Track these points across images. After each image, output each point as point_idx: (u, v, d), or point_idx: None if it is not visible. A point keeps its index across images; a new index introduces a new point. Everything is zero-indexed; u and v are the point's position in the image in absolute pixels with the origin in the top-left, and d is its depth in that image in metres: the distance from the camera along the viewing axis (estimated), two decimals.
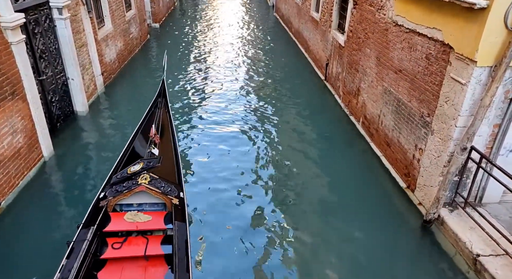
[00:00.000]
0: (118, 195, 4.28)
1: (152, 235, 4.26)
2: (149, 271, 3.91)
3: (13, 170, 5.52)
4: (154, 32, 15.46)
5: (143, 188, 4.27)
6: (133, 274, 3.86)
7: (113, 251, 3.96)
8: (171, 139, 5.63)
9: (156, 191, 4.32)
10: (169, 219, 4.30)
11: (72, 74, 7.68)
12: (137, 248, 4.02)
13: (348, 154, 7.15)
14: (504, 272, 4.13)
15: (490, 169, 4.76)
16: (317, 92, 10.15)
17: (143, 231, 4.23)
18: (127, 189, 4.29)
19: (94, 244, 3.95)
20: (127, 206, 4.47)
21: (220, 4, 23.49)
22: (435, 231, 5.09)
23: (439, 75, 4.99)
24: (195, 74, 11.25)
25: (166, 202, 4.40)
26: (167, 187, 4.47)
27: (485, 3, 4.04)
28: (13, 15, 5.38)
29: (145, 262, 3.98)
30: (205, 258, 4.69)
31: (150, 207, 4.52)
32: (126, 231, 4.18)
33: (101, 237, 4.09)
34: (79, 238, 3.87)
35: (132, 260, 3.97)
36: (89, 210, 4.32)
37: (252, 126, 8.15)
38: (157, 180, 4.42)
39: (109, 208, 4.31)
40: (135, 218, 4.26)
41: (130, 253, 3.97)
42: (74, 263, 3.57)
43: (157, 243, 4.11)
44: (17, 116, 5.62)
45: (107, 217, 4.22)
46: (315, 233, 5.20)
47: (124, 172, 4.53)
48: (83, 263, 3.65)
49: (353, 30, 8.21)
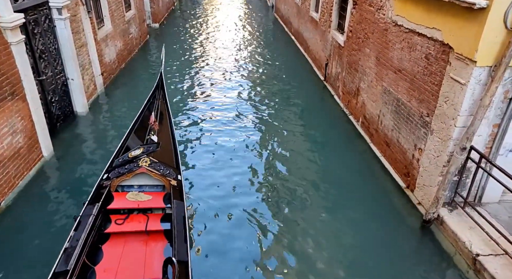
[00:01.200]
0: (120, 176, 4.60)
1: (152, 213, 4.55)
2: (150, 245, 4.19)
3: (13, 170, 5.52)
4: (153, 32, 15.46)
5: (144, 170, 4.58)
6: (135, 247, 4.13)
7: (116, 226, 4.26)
8: (169, 127, 5.96)
9: (155, 173, 4.62)
10: (167, 199, 4.59)
11: (72, 74, 7.68)
12: (139, 224, 4.31)
13: (347, 154, 7.16)
14: (504, 272, 4.14)
15: (490, 168, 4.76)
16: (316, 92, 10.16)
17: (143, 209, 4.53)
18: (129, 171, 4.61)
19: (99, 219, 4.25)
20: (128, 187, 4.77)
21: (219, 4, 23.49)
22: (434, 230, 5.10)
23: (439, 75, 4.99)
24: (194, 74, 11.25)
25: (165, 183, 4.70)
26: (166, 170, 4.77)
27: (484, 3, 4.05)
28: (13, 16, 5.38)
29: (146, 236, 4.27)
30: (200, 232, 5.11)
31: (150, 188, 4.81)
32: (128, 209, 4.49)
33: (105, 214, 4.38)
34: (85, 213, 4.16)
35: (134, 235, 4.25)
36: (94, 189, 4.63)
37: (251, 126, 8.15)
38: (156, 163, 4.72)
39: (112, 188, 4.62)
40: (136, 197, 4.57)
41: (132, 228, 4.26)
42: (81, 234, 3.86)
43: (157, 220, 4.40)
44: (16, 117, 5.62)
45: (110, 196, 4.54)
46: (314, 232, 5.20)
47: (125, 156, 4.89)
48: (89, 236, 3.94)
49: (352, 30, 8.21)
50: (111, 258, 3.96)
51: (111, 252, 4.03)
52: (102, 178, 4.79)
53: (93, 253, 3.99)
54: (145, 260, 3.94)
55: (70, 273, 3.46)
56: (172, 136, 5.84)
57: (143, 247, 4.16)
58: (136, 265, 3.89)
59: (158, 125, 5.59)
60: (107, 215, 4.39)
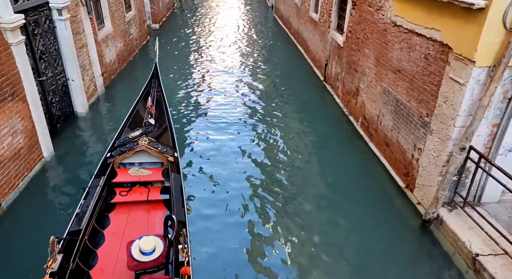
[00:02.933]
0: (122, 154, 5.10)
1: (152, 186, 5.09)
2: (151, 213, 4.70)
3: (13, 170, 5.53)
4: (154, 33, 15.47)
5: (143, 147, 5.09)
6: (138, 215, 4.64)
7: (121, 197, 4.80)
8: (164, 111, 6.47)
9: (154, 150, 5.12)
10: (166, 174, 5.08)
11: (72, 75, 7.70)
12: (140, 195, 4.86)
13: (347, 154, 7.16)
14: (503, 272, 4.14)
15: (489, 168, 4.77)
16: (316, 92, 10.16)
17: (144, 183, 5.07)
18: (130, 149, 5.11)
19: (105, 191, 4.76)
20: (130, 165, 5.28)
21: (219, 5, 23.51)
22: (434, 230, 5.11)
23: (438, 75, 5.00)
24: (194, 74, 11.26)
25: (163, 160, 5.21)
26: (163, 148, 5.28)
27: (483, 3, 4.06)
28: (13, 16, 5.39)
29: (147, 205, 4.79)
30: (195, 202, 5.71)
31: (150, 165, 5.32)
32: (131, 182, 5.02)
33: (110, 187, 4.90)
34: (92, 185, 4.66)
35: (137, 204, 4.78)
36: (99, 166, 5.14)
37: (250, 126, 8.16)
38: (154, 142, 5.24)
39: (115, 165, 5.13)
40: (137, 172, 5.11)
41: (135, 198, 4.80)
42: (90, 201, 4.34)
43: (157, 191, 4.95)
44: (17, 117, 5.63)
45: (114, 172, 5.06)
46: (313, 232, 5.21)
47: (126, 137, 5.40)
48: (97, 204, 4.44)
49: (352, 31, 8.23)
50: (118, 223, 4.48)
51: (117, 219, 4.55)
52: (106, 156, 5.27)
53: (101, 220, 4.51)
54: (148, 224, 4.38)
55: (82, 232, 3.96)
56: (168, 119, 6.31)
57: (146, 214, 4.66)
58: (140, 229, 4.28)
59: (154, 109, 6.05)
60: (112, 188, 4.92)
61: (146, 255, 3.58)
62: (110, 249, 4.11)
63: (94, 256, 4.04)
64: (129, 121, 6.12)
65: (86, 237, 4.05)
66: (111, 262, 3.96)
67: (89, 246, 4.08)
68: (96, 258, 4.02)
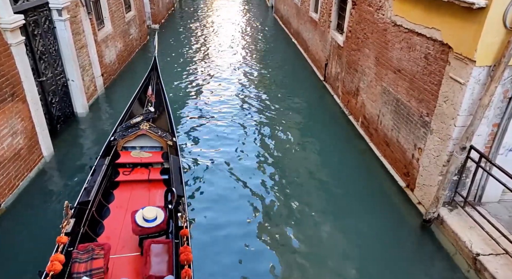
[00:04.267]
0: (125, 137, 5.55)
1: (153, 167, 5.53)
2: (152, 190, 5.15)
3: (13, 171, 5.52)
4: (153, 33, 15.45)
5: (144, 131, 5.54)
6: (140, 192, 5.09)
7: (124, 176, 5.29)
8: (163, 100, 6.90)
9: (154, 134, 5.56)
10: (165, 157, 5.50)
11: (72, 75, 7.69)
12: (142, 174, 5.33)
13: (347, 154, 7.16)
14: (504, 271, 4.14)
15: (490, 168, 4.77)
16: (316, 92, 10.16)
17: (146, 164, 5.51)
18: (132, 133, 5.57)
19: (109, 170, 5.22)
20: (132, 148, 5.69)
21: (219, 5, 23.51)
22: (434, 230, 5.10)
23: (438, 75, 5.00)
24: (194, 74, 11.26)
25: (162, 144, 5.66)
26: (163, 133, 5.72)
27: (484, 3, 4.05)
28: (13, 17, 5.38)
29: (148, 184, 5.25)
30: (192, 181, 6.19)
31: (150, 149, 5.73)
32: (133, 163, 5.47)
33: (114, 168, 5.37)
34: (98, 164, 5.13)
35: (139, 183, 5.25)
36: (103, 148, 5.55)
37: (250, 126, 8.16)
38: (154, 127, 5.68)
39: (118, 148, 5.57)
40: (139, 154, 5.56)
41: (137, 177, 5.28)
42: (97, 177, 4.80)
43: (157, 172, 5.41)
44: (17, 118, 5.62)
45: (117, 154, 5.51)
46: (313, 232, 5.21)
47: (128, 123, 5.83)
48: (102, 181, 4.89)
49: (352, 31, 8.22)
50: (122, 199, 4.94)
51: (121, 195, 5.02)
52: (110, 140, 5.70)
53: (107, 196, 4.96)
54: (149, 200, 4.74)
55: (90, 204, 4.40)
56: (166, 107, 6.76)
57: (147, 192, 5.10)
58: (142, 204, 4.57)
59: (154, 98, 6.50)
60: (116, 169, 5.38)
61: (149, 222, 4.00)
62: (115, 220, 4.57)
63: (100, 227, 4.49)
64: (130, 109, 6.53)
65: (93, 208, 4.49)
66: (116, 231, 4.39)
67: (96, 217, 4.53)
68: (103, 228, 4.47)
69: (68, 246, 3.77)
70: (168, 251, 3.79)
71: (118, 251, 4.11)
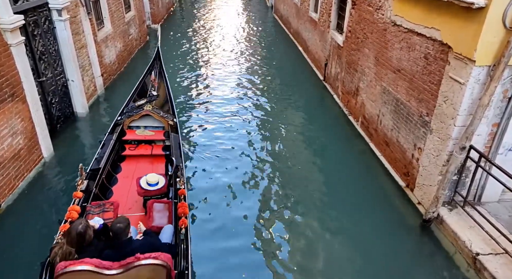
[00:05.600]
0: (130, 117, 6.16)
1: (155, 144, 6.13)
2: (155, 164, 5.76)
3: (13, 171, 5.52)
4: (153, 33, 15.46)
5: (148, 112, 6.13)
6: (144, 165, 5.70)
7: (130, 151, 5.94)
8: (165, 85, 7.47)
9: (157, 115, 6.15)
10: (167, 135, 6.09)
11: (72, 75, 7.69)
12: (146, 150, 5.97)
13: (347, 154, 7.16)
14: (504, 271, 4.14)
15: (489, 168, 4.77)
16: (316, 92, 10.16)
17: (149, 141, 6.12)
18: (136, 113, 6.15)
19: (117, 145, 5.84)
20: (136, 128, 6.28)
21: (219, 5, 23.50)
22: (434, 230, 5.11)
23: (438, 74, 5.00)
24: (193, 74, 11.26)
25: (164, 123, 6.25)
26: (165, 114, 6.32)
27: (483, 3, 4.05)
28: (12, 17, 5.38)
29: (151, 158, 5.87)
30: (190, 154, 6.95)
31: (153, 128, 6.31)
32: (138, 140, 6.08)
33: (120, 144, 5.99)
34: (107, 139, 5.78)
35: (143, 157, 5.88)
36: (111, 126, 6.20)
37: (249, 126, 8.16)
38: (157, 108, 6.32)
39: (124, 126, 6.16)
40: (143, 133, 6.17)
41: (141, 152, 5.93)
42: (106, 150, 5.41)
43: (159, 148, 6.03)
44: (17, 118, 5.62)
45: (124, 132, 6.13)
46: (313, 232, 5.21)
47: (133, 105, 6.46)
48: (111, 154, 5.49)
49: (351, 30, 8.22)
50: (128, 170, 5.57)
51: (127, 167, 5.66)
52: (117, 119, 6.29)
53: (115, 168, 5.61)
54: (152, 171, 5.05)
55: (100, 172, 4.98)
56: (168, 91, 7.31)
57: (150, 165, 5.70)
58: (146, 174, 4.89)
59: (157, 83, 7.10)
60: (122, 145, 6.01)
61: (152, 186, 4.65)
62: (123, 187, 5.18)
63: (110, 192, 5.08)
64: (135, 93, 7.09)
65: (103, 176, 5.10)
66: (123, 195, 4.94)
67: (106, 184, 5.15)
68: (112, 193, 5.06)
69: (82, 202, 4.36)
70: (168, 209, 4.39)
71: (125, 211, 4.62)
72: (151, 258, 3.02)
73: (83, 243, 3.20)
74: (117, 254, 3.16)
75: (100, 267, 2.94)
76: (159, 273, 3.08)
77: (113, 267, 2.98)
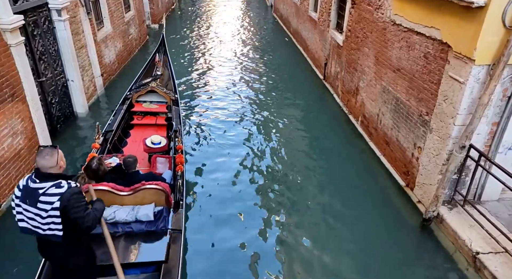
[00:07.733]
0: (138, 92, 7.17)
1: (159, 116, 7.05)
2: (158, 132, 6.45)
3: (14, 171, 5.53)
4: (153, 33, 15.47)
5: (153, 88, 7.10)
6: (149, 132, 6.45)
7: (137, 120, 6.94)
8: (168, 67, 8.55)
9: (160, 90, 7.12)
10: (169, 109, 6.99)
11: (72, 75, 7.70)
12: (151, 120, 6.95)
13: (347, 153, 7.17)
14: (504, 270, 4.15)
15: (489, 167, 4.78)
16: (315, 91, 10.16)
17: (154, 113, 7.09)
18: (143, 88, 7.16)
19: (127, 115, 6.87)
20: (143, 102, 7.26)
21: (219, 5, 23.49)
22: (434, 229, 5.11)
23: (438, 74, 5.00)
24: (193, 74, 11.26)
25: (167, 99, 7.18)
26: (167, 90, 7.29)
27: (483, 2, 4.06)
28: (12, 17, 5.38)
29: (156, 127, 6.77)
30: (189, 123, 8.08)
31: (157, 103, 7.25)
32: (144, 112, 7.08)
33: (129, 115, 7.00)
34: (118, 108, 6.83)
35: (148, 126, 6.80)
36: (121, 100, 7.18)
37: (249, 125, 8.16)
38: (161, 85, 7.27)
39: (132, 100, 7.15)
40: (149, 106, 7.18)
41: (147, 122, 6.91)
42: (117, 117, 6.49)
43: (162, 119, 6.89)
44: (17, 118, 5.63)
45: (132, 105, 7.13)
46: (313, 231, 5.22)
47: (140, 82, 7.50)
48: (121, 122, 6.51)
49: (351, 30, 8.22)
50: (136, 136, 6.56)
51: (135, 133, 6.64)
52: (126, 94, 7.28)
53: (125, 133, 6.58)
54: None
55: (113, 134, 5.99)
56: (171, 71, 8.38)
57: (154, 132, 6.32)
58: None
59: (161, 64, 8.14)
60: (131, 116, 7.01)
61: (155, 145, 5.63)
62: (132, 147, 6.17)
63: (120, 152, 5.88)
64: (143, 73, 8.04)
65: (115, 138, 6.08)
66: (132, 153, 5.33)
67: (117, 145, 6.11)
68: (122, 153, 5.87)
69: (98, 154, 5.19)
70: (169, 162, 5.32)
71: None
72: (154, 184, 4.07)
73: (98, 175, 4.12)
74: (127, 182, 4.12)
75: (115, 188, 3.98)
76: (159, 197, 4.11)
77: (125, 190, 4.02)
